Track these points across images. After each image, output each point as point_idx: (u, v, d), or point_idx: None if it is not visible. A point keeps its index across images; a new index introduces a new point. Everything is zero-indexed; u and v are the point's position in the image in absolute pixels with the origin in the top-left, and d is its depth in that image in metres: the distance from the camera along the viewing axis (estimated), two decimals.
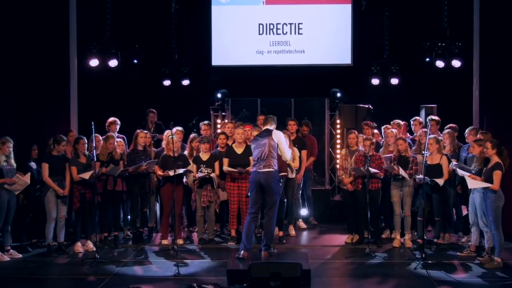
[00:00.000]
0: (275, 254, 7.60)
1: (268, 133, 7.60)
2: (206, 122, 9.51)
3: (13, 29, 9.43)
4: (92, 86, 11.17)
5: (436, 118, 9.31)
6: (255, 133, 8.24)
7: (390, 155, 8.52)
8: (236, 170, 8.35)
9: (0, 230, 7.96)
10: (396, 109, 10.93)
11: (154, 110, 10.59)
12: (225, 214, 9.09)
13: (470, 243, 8.08)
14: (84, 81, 10.74)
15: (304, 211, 9.96)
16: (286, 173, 8.57)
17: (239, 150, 8.53)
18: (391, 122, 9.41)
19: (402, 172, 8.16)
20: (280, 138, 7.60)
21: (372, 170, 8.11)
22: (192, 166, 8.60)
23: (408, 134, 9.67)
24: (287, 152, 7.70)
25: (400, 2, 11.42)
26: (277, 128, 7.79)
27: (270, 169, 7.43)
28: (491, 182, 7.34)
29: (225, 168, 8.44)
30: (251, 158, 7.99)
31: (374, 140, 8.53)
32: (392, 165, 8.28)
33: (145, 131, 8.94)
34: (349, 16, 11.51)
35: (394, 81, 11.32)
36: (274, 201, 7.50)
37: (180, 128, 9.17)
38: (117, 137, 9.17)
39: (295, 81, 11.73)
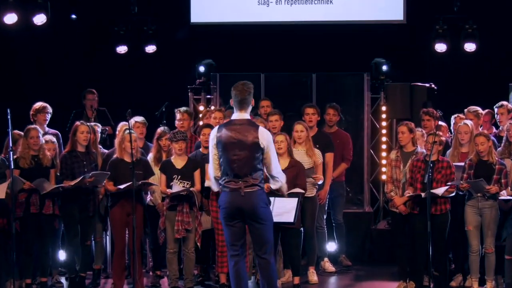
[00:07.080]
0: None
1: (251, 127, 7.07)
2: (182, 109, 9.52)
3: None
4: (8, 54, 11.14)
5: None
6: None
7: (461, 163, 8.46)
8: None
9: None
10: (473, 90, 10.91)
11: (94, 91, 10.62)
12: (211, 249, 9.09)
13: None
14: None
15: (331, 246, 9.98)
16: (303, 191, 8.52)
17: None
18: (465, 110, 9.40)
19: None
20: (270, 144, 7.12)
21: (441, 190, 8.06)
22: (160, 177, 8.57)
23: (493, 129, 9.65)
24: (278, 167, 7.23)
25: None
26: (288, 119, 7.66)
27: (256, 188, 7.04)
28: None
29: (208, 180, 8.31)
30: None
31: (443, 138, 8.50)
32: (462, 175, 8.25)
33: (95, 124, 8.92)
34: None
35: (470, 46, 11.32)
36: (268, 235, 7.09)
37: (141, 119, 9.18)
38: (48, 132, 9.19)
39: (317, 47, 11.73)
